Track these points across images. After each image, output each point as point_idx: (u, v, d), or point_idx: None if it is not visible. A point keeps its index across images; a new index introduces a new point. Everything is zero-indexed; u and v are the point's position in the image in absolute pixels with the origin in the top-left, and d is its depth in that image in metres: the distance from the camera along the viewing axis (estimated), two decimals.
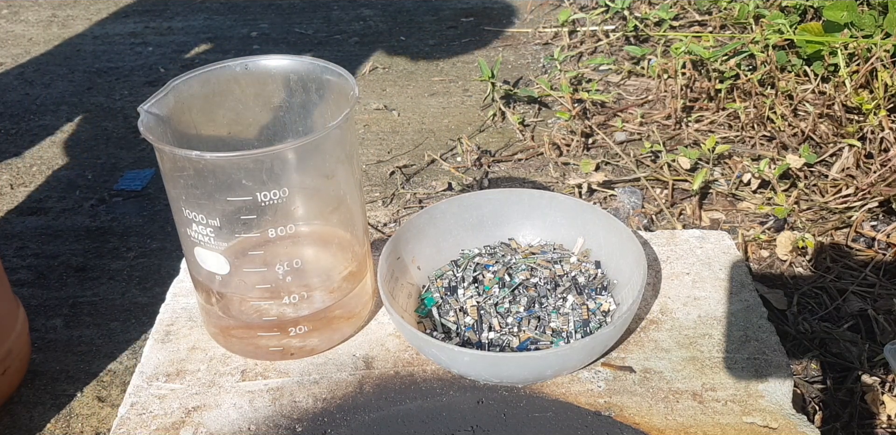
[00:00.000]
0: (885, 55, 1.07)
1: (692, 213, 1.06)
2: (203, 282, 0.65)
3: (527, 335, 0.66)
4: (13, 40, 1.69)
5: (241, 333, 0.66)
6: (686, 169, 1.12)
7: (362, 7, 1.78)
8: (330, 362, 0.67)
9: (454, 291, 0.70)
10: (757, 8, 1.33)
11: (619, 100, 1.31)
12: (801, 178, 1.07)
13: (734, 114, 1.19)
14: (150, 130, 0.58)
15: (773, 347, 0.67)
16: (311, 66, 0.64)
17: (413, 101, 1.40)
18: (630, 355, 0.66)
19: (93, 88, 1.49)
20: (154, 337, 0.70)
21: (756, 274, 0.95)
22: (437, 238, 0.74)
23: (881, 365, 0.82)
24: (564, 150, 1.20)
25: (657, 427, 0.60)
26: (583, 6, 1.62)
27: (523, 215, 0.76)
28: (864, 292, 0.91)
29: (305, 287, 0.64)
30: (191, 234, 0.61)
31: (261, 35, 1.67)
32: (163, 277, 1.03)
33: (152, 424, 0.62)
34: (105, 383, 0.88)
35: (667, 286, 0.73)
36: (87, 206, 1.17)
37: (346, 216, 0.66)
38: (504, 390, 0.64)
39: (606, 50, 1.46)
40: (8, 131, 1.36)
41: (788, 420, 0.61)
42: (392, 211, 1.11)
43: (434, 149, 1.25)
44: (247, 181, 0.58)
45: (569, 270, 0.72)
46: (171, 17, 1.77)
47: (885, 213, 1.01)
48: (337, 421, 0.62)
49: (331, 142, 0.61)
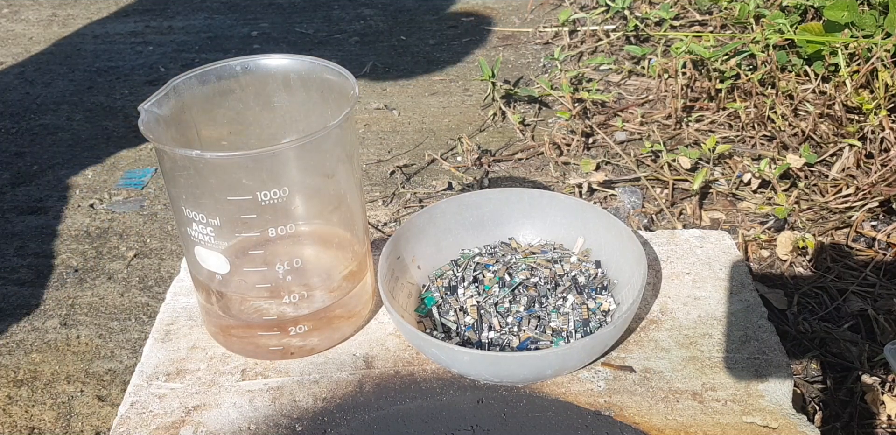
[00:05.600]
0: (885, 55, 1.07)
1: (692, 213, 1.06)
2: (203, 281, 0.65)
3: (527, 335, 0.66)
4: (14, 39, 1.69)
5: (242, 333, 0.66)
6: (686, 169, 1.12)
7: (363, 6, 1.78)
8: (330, 362, 0.67)
9: (454, 291, 0.70)
10: (757, 8, 1.33)
11: (620, 99, 1.31)
12: (802, 178, 1.07)
13: (734, 114, 1.19)
14: (150, 130, 0.58)
15: (773, 347, 0.67)
16: (312, 66, 0.64)
17: (413, 101, 1.40)
18: (630, 355, 0.66)
19: (93, 87, 1.49)
20: (154, 336, 0.70)
21: (756, 274, 0.95)
22: (438, 237, 0.74)
23: (881, 365, 0.82)
24: (565, 149, 1.20)
25: (657, 427, 0.60)
26: (583, 6, 1.62)
27: (523, 215, 0.76)
28: (865, 292, 0.91)
29: (305, 286, 0.64)
30: (191, 233, 0.61)
31: (261, 34, 1.67)
32: (162, 276, 1.03)
33: (152, 423, 0.62)
34: (105, 383, 0.88)
35: (667, 286, 0.73)
36: (86, 206, 1.17)
37: (346, 216, 0.66)
38: (504, 390, 0.64)
39: (607, 49, 1.46)
40: (8, 130, 1.36)
41: (788, 420, 0.61)
42: (392, 210, 1.11)
43: (434, 148, 1.25)
44: (247, 180, 0.58)
45: (569, 270, 0.72)
46: (171, 17, 1.77)
47: (885, 213, 1.01)
48: (337, 420, 0.62)
49: (331, 141, 0.61)
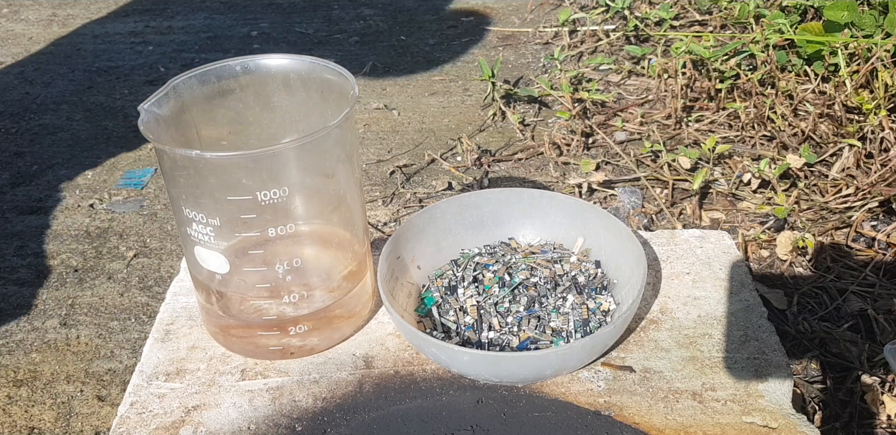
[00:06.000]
0: (885, 55, 1.07)
1: (692, 213, 1.06)
2: (203, 281, 0.65)
3: (527, 335, 0.66)
4: (13, 39, 1.69)
5: (241, 333, 0.66)
6: (686, 169, 1.12)
7: (363, 6, 1.78)
8: (330, 362, 0.67)
9: (454, 291, 0.70)
10: (757, 8, 1.33)
11: (620, 99, 1.31)
12: (802, 177, 1.07)
13: (734, 114, 1.19)
14: (150, 129, 0.58)
15: (773, 347, 0.67)
16: (312, 66, 0.64)
17: (413, 101, 1.40)
18: (630, 355, 0.66)
19: (93, 87, 1.49)
20: (154, 336, 0.70)
21: (756, 274, 0.95)
22: (437, 237, 0.74)
23: (881, 365, 0.82)
24: (564, 149, 1.20)
25: (657, 427, 0.60)
26: (583, 6, 1.62)
27: (523, 215, 0.76)
28: (865, 292, 0.91)
29: (305, 286, 0.64)
30: (191, 233, 0.61)
31: (261, 34, 1.67)
32: (162, 276, 1.03)
33: (152, 423, 0.62)
34: (105, 382, 0.88)
35: (667, 286, 0.73)
36: (86, 206, 1.17)
37: (346, 215, 0.66)
38: (504, 390, 0.64)
39: (607, 49, 1.46)
40: (8, 130, 1.36)
41: (788, 420, 0.61)
42: (392, 210, 1.11)
43: (434, 148, 1.25)
44: (247, 180, 0.58)
45: (569, 270, 0.72)
46: (171, 17, 1.77)
47: (885, 213, 1.01)
48: (337, 420, 0.62)
49: (331, 141, 0.61)
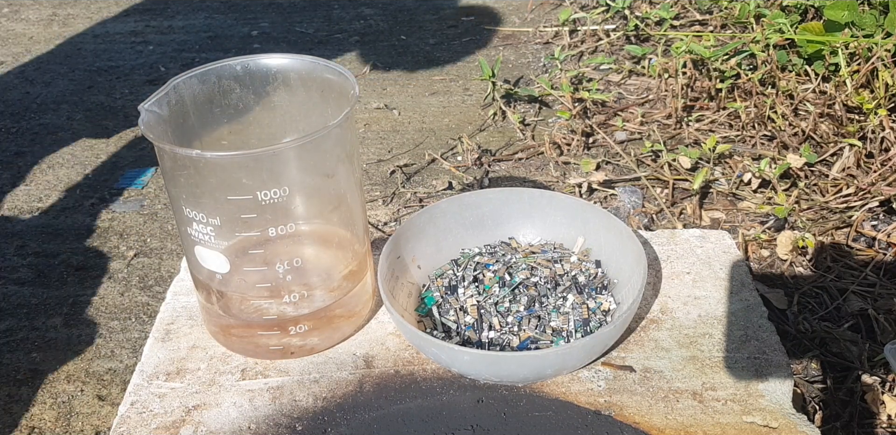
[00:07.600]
0: (885, 55, 1.07)
1: (692, 213, 1.06)
2: (203, 281, 0.65)
3: (527, 334, 0.66)
4: (14, 39, 1.69)
5: (242, 332, 0.66)
6: (686, 168, 1.12)
7: (363, 6, 1.78)
8: (330, 361, 0.67)
9: (454, 290, 0.70)
10: (758, 7, 1.33)
11: (620, 99, 1.31)
12: (802, 177, 1.07)
13: (735, 113, 1.19)
14: (150, 129, 0.58)
15: (773, 347, 0.67)
16: (312, 65, 0.64)
17: (413, 101, 1.40)
18: (630, 355, 0.66)
19: (93, 87, 1.49)
20: (154, 336, 0.70)
21: (756, 273, 0.95)
22: (438, 237, 0.74)
23: (881, 365, 0.82)
24: (565, 149, 1.20)
25: (657, 426, 0.60)
26: (583, 5, 1.62)
27: (523, 214, 0.76)
28: (865, 292, 0.91)
29: (306, 286, 0.64)
30: (191, 232, 0.61)
31: (261, 34, 1.67)
32: (163, 275, 1.03)
33: (152, 422, 0.62)
34: (105, 382, 0.88)
35: (667, 286, 0.73)
36: (87, 205, 1.17)
37: (346, 215, 0.66)
38: (504, 389, 0.64)
39: (607, 49, 1.46)
40: (8, 130, 1.36)
41: (788, 420, 0.61)
42: (392, 210, 1.11)
43: (434, 148, 1.25)
44: (247, 180, 0.58)
45: (569, 270, 0.72)
46: (171, 16, 1.77)
47: (885, 213, 1.01)
48: (337, 420, 0.62)
49: (331, 141, 0.60)
